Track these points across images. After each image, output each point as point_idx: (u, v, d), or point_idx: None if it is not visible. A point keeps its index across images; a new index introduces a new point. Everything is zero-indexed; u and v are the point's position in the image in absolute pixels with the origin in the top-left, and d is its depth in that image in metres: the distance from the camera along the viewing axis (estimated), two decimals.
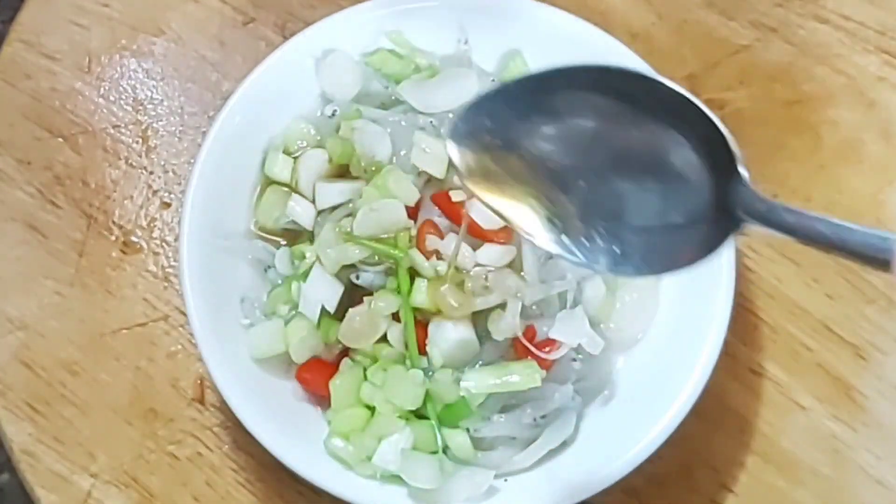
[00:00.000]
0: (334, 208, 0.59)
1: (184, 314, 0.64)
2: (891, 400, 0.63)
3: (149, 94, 0.71)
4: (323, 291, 0.57)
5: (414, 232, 0.57)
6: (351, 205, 0.58)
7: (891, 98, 0.69)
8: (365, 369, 0.58)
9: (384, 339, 0.57)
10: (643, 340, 0.60)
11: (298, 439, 0.56)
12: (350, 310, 0.57)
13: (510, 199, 0.44)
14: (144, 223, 0.68)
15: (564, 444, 0.58)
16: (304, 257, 0.59)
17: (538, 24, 0.62)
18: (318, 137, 0.61)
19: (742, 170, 0.39)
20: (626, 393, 0.59)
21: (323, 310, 0.57)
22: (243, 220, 0.61)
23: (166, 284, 0.66)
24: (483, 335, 0.57)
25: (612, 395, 0.59)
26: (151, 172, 0.69)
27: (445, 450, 0.56)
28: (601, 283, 0.59)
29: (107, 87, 0.71)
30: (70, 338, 0.65)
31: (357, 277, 0.57)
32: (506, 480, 0.57)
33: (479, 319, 0.56)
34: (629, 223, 0.43)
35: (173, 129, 0.70)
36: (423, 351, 0.56)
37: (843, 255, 0.37)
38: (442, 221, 0.58)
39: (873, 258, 0.36)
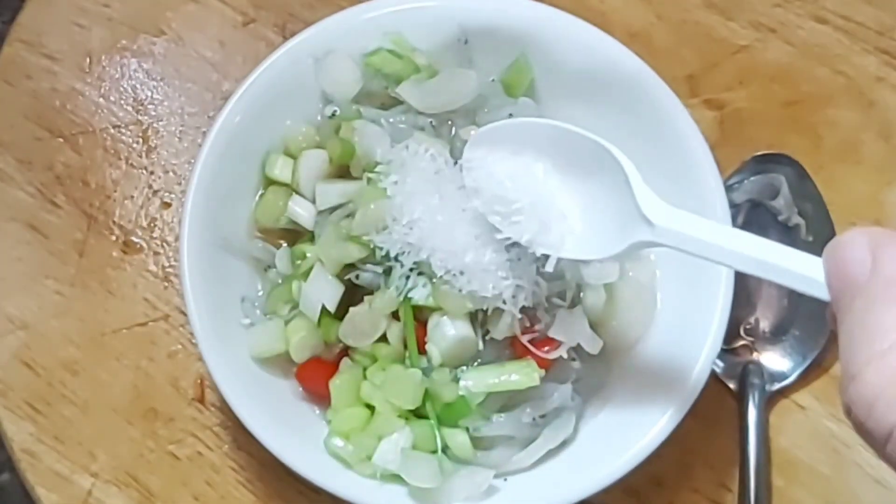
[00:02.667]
0: (334, 208, 0.59)
1: (184, 314, 0.64)
2: None
3: (149, 94, 0.71)
4: (323, 291, 0.57)
5: None
6: (351, 205, 0.58)
7: (890, 98, 0.69)
8: (364, 369, 0.58)
9: (384, 338, 0.57)
10: (643, 340, 0.60)
11: (298, 439, 0.56)
12: (351, 308, 0.57)
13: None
14: (145, 223, 0.68)
15: (564, 444, 0.58)
16: (304, 257, 0.59)
17: (538, 24, 0.62)
18: (318, 138, 0.61)
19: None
20: (626, 393, 0.59)
21: (323, 309, 0.57)
22: (243, 220, 0.61)
23: (166, 284, 0.66)
24: (482, 334, 0.57)
25: (611, 395, 0.60)
26: (152, 172, 0.69)
27: (445, 449, 0.56)
28: (601, 283, 0.59)
29: (107, 88, 0.71)
30: (70, 337, 0.65)
31: (357, 277, 0.57)
32: (505, 480, 0.57)
33: (478, 318, 0.57)
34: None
35: (173, 129, 0.70)
36: (422, 350, 0.57)
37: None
38: None
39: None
